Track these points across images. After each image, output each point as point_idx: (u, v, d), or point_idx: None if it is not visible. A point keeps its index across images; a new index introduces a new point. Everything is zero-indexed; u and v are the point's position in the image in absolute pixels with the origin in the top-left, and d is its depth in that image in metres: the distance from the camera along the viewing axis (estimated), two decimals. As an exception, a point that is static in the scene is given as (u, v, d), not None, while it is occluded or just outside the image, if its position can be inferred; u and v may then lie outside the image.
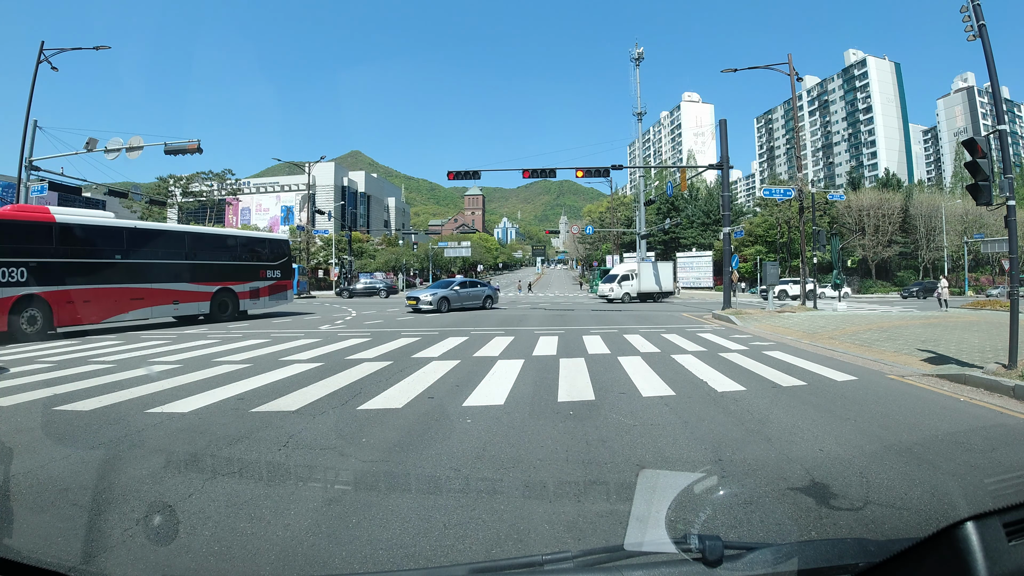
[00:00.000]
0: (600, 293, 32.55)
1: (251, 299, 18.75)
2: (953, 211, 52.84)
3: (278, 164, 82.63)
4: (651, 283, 33.06)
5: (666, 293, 34.37)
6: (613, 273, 33.57)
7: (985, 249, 45.09)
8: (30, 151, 19.71)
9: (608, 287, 31.79)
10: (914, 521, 2.86)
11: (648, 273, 33.39)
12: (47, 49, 19.97)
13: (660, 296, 33.72)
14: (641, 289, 32.17)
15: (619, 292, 31.32)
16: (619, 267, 35.24)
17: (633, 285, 32.01)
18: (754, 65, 29.53)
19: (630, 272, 32.77)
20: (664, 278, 34.25)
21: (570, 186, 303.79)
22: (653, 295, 33.08)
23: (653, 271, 33.86)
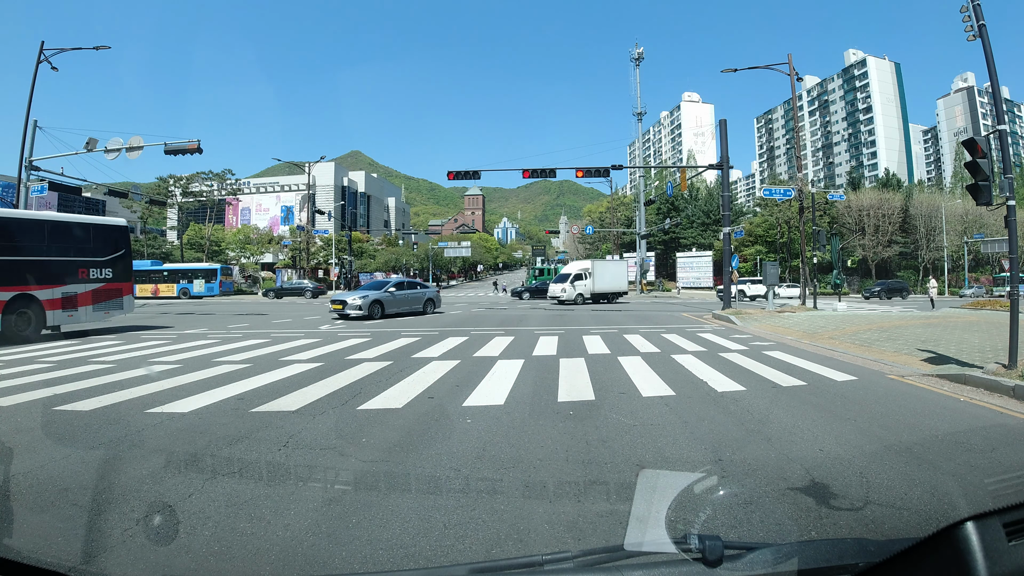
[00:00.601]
0: (551, 294, 29.61)
1: (65, 309, 13.24)
2: (953, 211, 52.86)
3: (278, 164, 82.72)
4: (606, 283, 30.76)
5: (620, 294, 32.39)
6: (565, 272, 31.19)
7: (985, 249, 45.15)
8: (30, 151, 19.71)
9: (560, 288, 29.14)
10: (914, 521, 2.87)
11: (603, 272, 31.06)
12: (47, 49, 19.98)
13: (614, 297, 31.72)
14: (595, 289, 29.83)
15: (571, 293, 28.82)
16: (571, 266, 32.56)
17: (587, 285, 29.52)
18: (754, 65, 29.56)
19: (583, 271, 30.01)
20: (618, 277, 32.36)
21: (570, 186, 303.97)
22: (607, 296, 31.02)
23: (608, 270, 31.74)
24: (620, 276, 32.76)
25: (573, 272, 30.23)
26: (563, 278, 30.22)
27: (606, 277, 30.96)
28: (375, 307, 18.07)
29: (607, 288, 30.88)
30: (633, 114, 55.43)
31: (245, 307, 28.31)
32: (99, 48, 21.66)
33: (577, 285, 29.27)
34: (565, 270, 32.12)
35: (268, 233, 63.87)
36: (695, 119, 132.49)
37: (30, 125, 19.68)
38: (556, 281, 30.48)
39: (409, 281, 21.97)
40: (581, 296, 29.18)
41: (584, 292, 29.43)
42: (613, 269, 32.53)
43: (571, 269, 31.21)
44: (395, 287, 19.72)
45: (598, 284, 30.12)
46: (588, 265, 30.86)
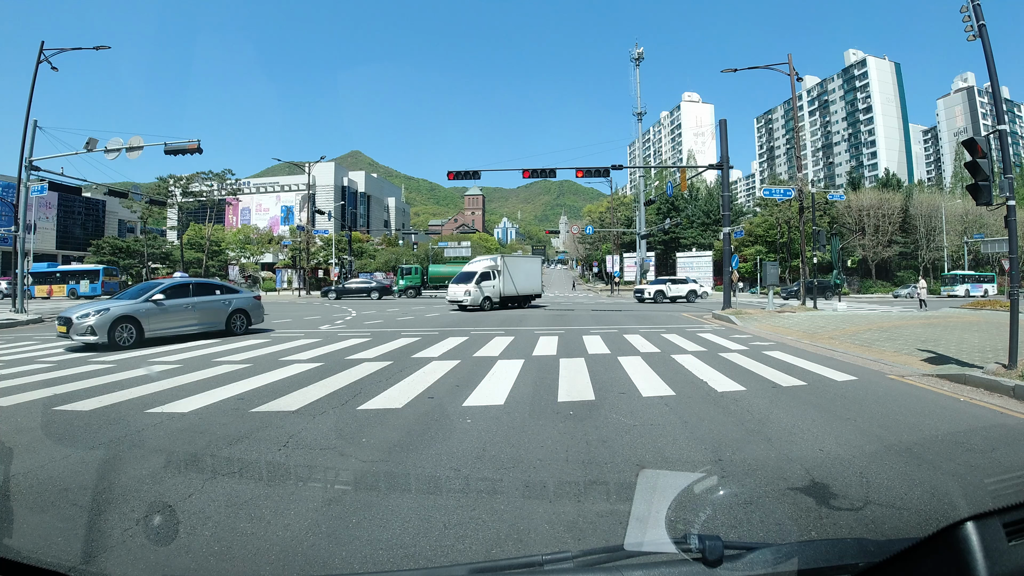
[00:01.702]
0: (452, 297, 24.22)
1: None
2: (953, 211, 52.84)
3: (278, 164, 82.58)
4: (519, 283, 26.18)
5: (533, 296, 27.91)
6: (469, 271, 25.26)
7: (985, 249, 45.16)
8: (30, 151, 19.70)
9: (462, 290, 23.75)
10: (914, 521, 2.87)
11: (516, 270, 26.20)
12: (47, 49, 19.95)
13: (526, 300, 27.28)
14: (505, 292, 24.94)
15: (477, 296, 23.58)
16: (476, 263, 26.40)
17: (495, 286, 24.48)
18: (754, 65, 29.56)
19: (491, 269, 24.69)
20: (532, 277, 27.73)
21: (570, 186, 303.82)
22: (519, 299, 26.34)
23: (520, 268, 26.93)
24: (534, 275, 28.14)
25: (479, 270, 24.50)
26: (466, 277, 24.45)
27: (519, 276, 26.21)
28: (122, 329, 10.85)
29: (520, 289, 26.25)
30: (633, 114, 55.47)
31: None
32: (99, 48, 21.59)
33: (484, 286, 23.99)
34: (469, 267, 26.00)
35: (268, 233, 63.88)
36: (695, 119, 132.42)
37: (30, 125, 19.66)
38: (458, 281, 24.63)
39: (199, 283, 13.98)
40: (489, 300, 23.99)
41: (492, 295, 24.24)
42: (526, 267, 27.69)
43: (475, 267, 25.44)
44: (164, 294, 12.06)
45: (509, 285, 25.35)
46: (496, 261, 25.26)
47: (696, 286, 34.19)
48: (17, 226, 20.24)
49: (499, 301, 24.75)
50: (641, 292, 32.67)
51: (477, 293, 23.71)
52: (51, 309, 22.81)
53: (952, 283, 48.03)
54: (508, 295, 25.25)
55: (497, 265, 25.03)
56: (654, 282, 34.41)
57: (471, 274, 24.61)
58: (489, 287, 24.27)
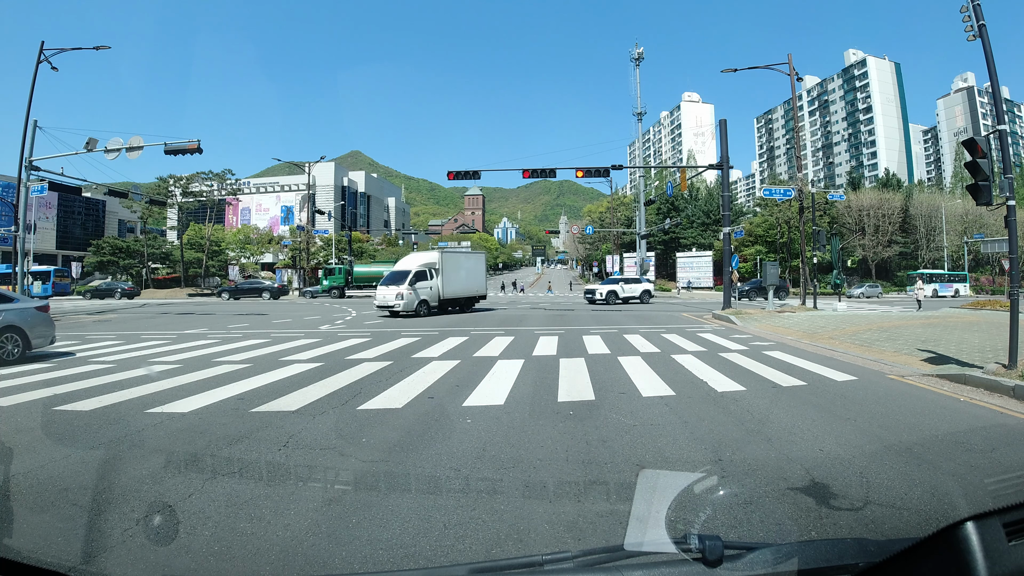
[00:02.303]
0: (380, 301, 20.10)
1: None
2: (953, 211, 52.87)
3: (278, 164, 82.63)
4: (460, 283, 22.63)
5: (477, 298, 24.41)
6: (400, 270, 21.11)
7: (985, 249, 45.17)
8: (30, 151, 19.71)
9: (393, 292, 19.69)
10: (914, 521, 2.87)
11: (457, 268, 22.56)
12: (47, 49, 19.97)
13: (469, 303, 23.71)
14: (446, 293, 21.32)
15: (411, 299, 19.74)
16: (409, 260, 22.38)
17: (433, 287, 20.76)
18: (754, 65, 29.57)
19: (428, 268, 20.89)
20: (475, 276, 24.26)
21: (570, 186, 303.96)
22: (461, 302, 22.81)
23: (462, 266, 23.29)
24: (478, 274, 24.55)
25: (413, 269, 20.54)
26: (397, 278, 20.43)
27: (461, 275, 22.79)
28: None
29: (463, 290, 22.85)
30: (633, 114, 55.37)
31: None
32: (99, 48, 21.61)
33: (420, 288, 20.18)
34: (401, 266, 21.92)
35: (268, 233, 63.87)
36: (695, 119, 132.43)
37: (30, 125, 19.68)
38: (388, 282, 20.47)
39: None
40: (426, 304, 20.29)
41: (430, 297, 20.56)
42: (469, 264, 24.20)
43: (408, 264, 21.45)
44: None
45: (451, 284, 21.79)
46: (434, 258, 21.50)
47: (650, 286, 32.61)
48: (17, 226, 20.25)
49: (438, 305, 20.99)
50: (592, 293, 30.44)
51: (411, 296, 19.81)
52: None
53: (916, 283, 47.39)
54: (449, 297, 21.66)
55: (435, 262, 21.26)
56: (607, 282, 32.07)
57: (403, 274, 20.43)
58: (426, 288, 20.44)
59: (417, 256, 22.87)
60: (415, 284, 20.08)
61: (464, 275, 23.11)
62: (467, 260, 24.65)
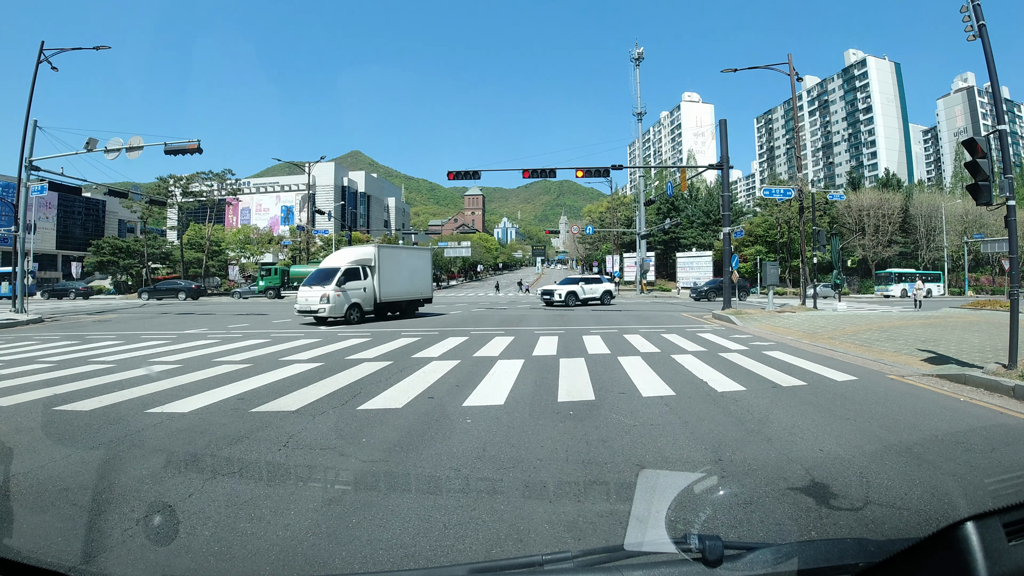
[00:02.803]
0: (301, 305, 16.94)
1: None
2: (953, 211, 52.82)
3: (278, 164, 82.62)
4: (402, 283, 19.53)
5: (421, 301, 21.15)
6: (328, 267, 17.93)
7: (985, 249, 45.12)
8: (30, 151, 19.71)
9: (318, 294, 16.54)
10: (914, 521, 2.87)
11: (397, 266, 19.37)
12: (47, 49, 19.96)
13: (411, 306, 20.50)
14: (384, 295, 18.22)
15: (340, 302, 16.64)
16: (339, 256, 19.06)
17: (367, 289, 17.68)
18: (754, 65, 29.54)
19: (360, 266, 17.73)
20: (420, 275, 21.11)
21: (570, 186, 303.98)
22: (401, 305, 19.64)
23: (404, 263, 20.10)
24: (422, 273, 21.46)
25: (342, 266, 17.39)
26: (323, 277, 17.34)
27: (402, 274, 19.65)
28: None
29: (404, 292, 19.76)
30: (633, 114, 55.52)
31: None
32: (99, 48, 21.60)
33: (351, 289, 17.06)
34: (329, 263, 18.74)
35: (268, 233, 63.79)
36: (695, 119, 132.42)
37: (30, 125, 19.67)
38: (312, 282, 17.51)
39: None
40: (358, 309, 17.14)
41: (363, 300, 17.48)
42: (412, 262, 20.84)
43: (338, 261, 18.25)
44: None
45: (390, 285, 18.64)
46: (369, 254, 18.49)
47: (611, 286, 29.84)
48: (17, 226, 20.25)
49: (373, 309, 17.93)
50: (550, 294, 27.10)
51: (340, 299, 16.61)
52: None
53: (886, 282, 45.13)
54: (387, 300, 18.50)
55: (370, 259, 18.18)
56: (565, 282, 28.55)
57: (330, 272, 17.23)
58: (358, 290, 17.30)
59: (349, 251, 19.52)
60: (344, 284, 16.87)
61: (407, 275, 20.05)
62: (410, 258, 21.47)
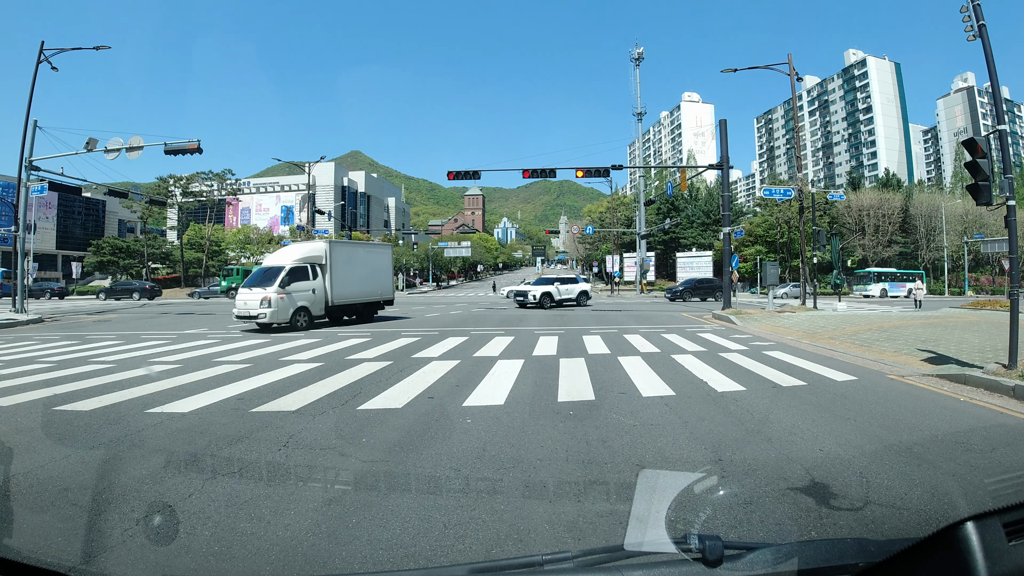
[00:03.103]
0: (239, 310, 14.63)
1: None
2: (953, 211, 52.82)
3: (278, 164, 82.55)
4: (356, 283, 17.06)
5: (382, 303, 18.67)
6: (272, 266, 15.53)
7: (985, 249, 45.12)
8: (30, 151, 19.70)
9: (258, 297, 14.28)
10: (914, 521, 2.86)
11: (351, 264, 17.00)
12: (47, 49, 19.96)
13: (371, 309, 18.11)
14: (336, 297, 15.90)
15: (283, 306, 14.41)
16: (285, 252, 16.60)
17: (317, 290, 15.43)
18: (754, 65, 29.53)
19: (309, 264, 15.54)
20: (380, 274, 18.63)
21: (570, 186, 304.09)
22: (357, 308, 17.28)
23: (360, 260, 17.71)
24: (382, 272, 18.92)
25: (287, 264, 15.16)
26: (265, 277, 14.94)
27: (356, 274, 17.17)
28: None
29: (360, 292, 17.31)
30: (633, 114, 55.53)
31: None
32: (99, 48, 21.58)
33: (296, 291, 14.81)
34: (273, 260, 16.26)
35: (268, 233, 63.81)
36: (695, 119, 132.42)
37: (30, 125, 19.67)
38: (253, 283, 15.02)
39: None
40: (305, 313, 14.98)
41: (312, 303, 15.25)
42: (370, 259, 18.38)
43: (282, 259, 15.86)
44: None
45: (343, 287, 16.31)
46: (319, 251, 15.98)
47: (587, 286, 28.17)
48: (17, 226, 20.24)
49: (324, 313, 15.77)
50: (523, 296, 25.54)
51: (284, 302, 14.36)
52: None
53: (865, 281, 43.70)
54: (341, 302, 16.18)
55: (321, 256, 15.82)
56: (539, 283, 26.90)
57: (273, 271, 14.90)
58: (306, 292, 15.06)
59: (296, 248, 16.86)
60: (289, 286, 14.65)
61: (364, 274, 17.63)
62: (368, 254, 18.82)
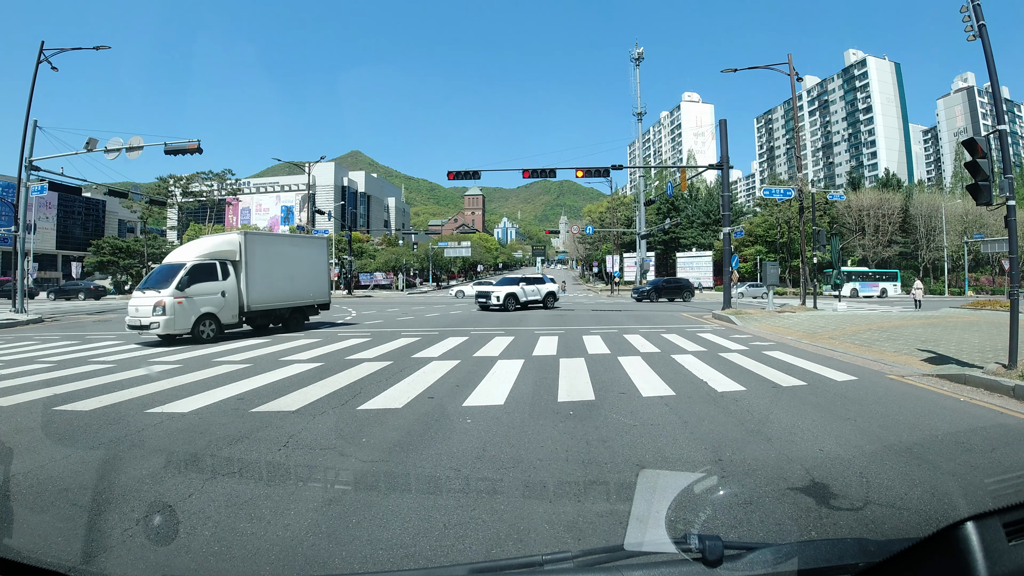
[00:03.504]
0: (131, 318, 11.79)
1: None
2: (953, 211, 52.81)
3: (278, 164, 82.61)
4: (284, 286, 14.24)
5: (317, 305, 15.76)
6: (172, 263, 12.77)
7: (985, 249, 45.08)
8: (30, 151, 19.70)
9: (150, 302, 11.64)
10: (914, 521, 2.86)
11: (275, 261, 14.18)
12: (47, 49, 19.95)
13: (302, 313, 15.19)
14: (253, 301, 13.22)
15: (180, 312, 11.73)
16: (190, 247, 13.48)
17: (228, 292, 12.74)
18: (754, 65, 29.48)
19: (219, 260, 12.90)
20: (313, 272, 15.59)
21: (570, 186, 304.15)
22: (281, 314, 14.43)
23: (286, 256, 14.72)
24: (315, 270, 15.76)
25: (189, 261, 12.48)
26: (164, 277, 12.29)
27: (281, 271, 14.25)
28: None
29: (285, 296, 14.38)
30: (633, 114, 55.52)
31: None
32: (99, 48, 21.57)
33: (200, 293, 12.18)
34: (174, 257, 13.20)
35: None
36: (695, 119, 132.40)
37: (30, 125, 19.66)
38: (148, 285, 12.36)
39: None
40: (213, 320, 12.32)
41: (221, 309, 12.52)
42: (298, 256, 15.23)
43: (183, 255, 13.02)
44: None
45: (263, 289, 13.52)
46: (231, 245, 13.21)
47: (555, 287, 25.86)
48: (17, 226, 20.24)
49: (238, 320, 13.04)
50: (486, 296, 23.58)
51: (182, 308, 11.68)
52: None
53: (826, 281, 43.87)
54: (260, 307, 13.45)
55: (234, 251, 13.03)
56: (504, 283, 24.85)
57: (172, 269, 12.30)
58: (212, 295, 12.34)
59: (202, 241, 13.70)
60: (190, 287, 11.97)
61: (291, 273, 14.62)
62: (296, 249, 15.54)
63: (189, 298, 11.99)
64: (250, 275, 13.28)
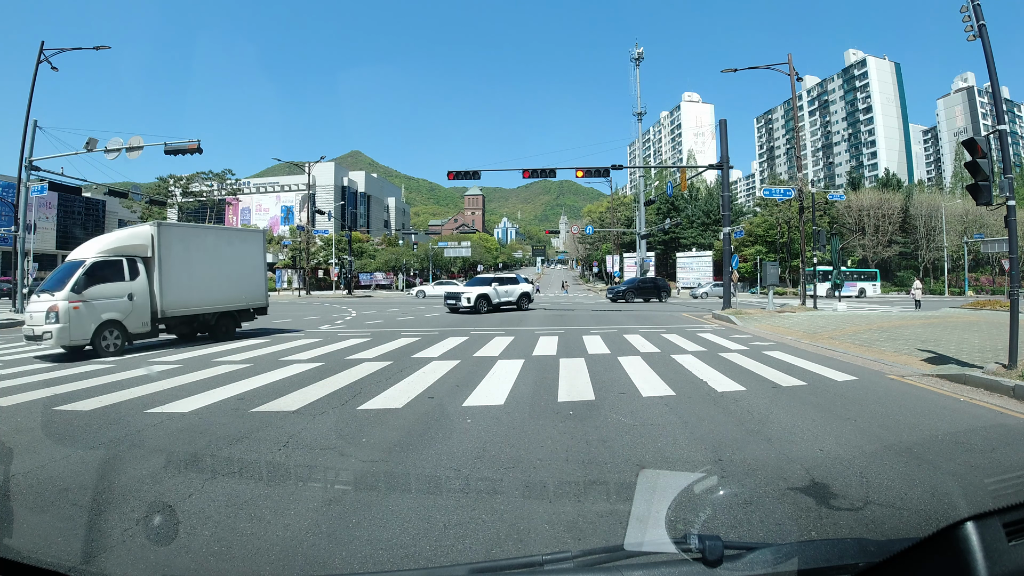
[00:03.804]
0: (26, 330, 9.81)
1: None
2: (953, 211, 52.81)
3: (278, 164, 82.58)
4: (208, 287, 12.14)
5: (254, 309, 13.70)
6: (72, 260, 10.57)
7: (985, 249, 45.07)
8: (30, 151, 19.71)
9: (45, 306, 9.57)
10: (914, 521, 2.86)
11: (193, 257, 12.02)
12: (47, 49, 19.97)
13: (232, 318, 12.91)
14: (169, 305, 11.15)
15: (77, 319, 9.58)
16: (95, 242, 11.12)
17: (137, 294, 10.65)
18: (754, 65, 29.48)
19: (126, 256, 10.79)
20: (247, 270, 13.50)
21: (570, 186, 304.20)
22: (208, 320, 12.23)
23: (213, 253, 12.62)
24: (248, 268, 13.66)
25: (89, 258, 10.46)
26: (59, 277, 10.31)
27: (205, 270, 12.28)
28: None
29: (212, 299, 12.31)
30: (633, 114, 55.39)
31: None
32: (99, 48, 21.64)
33: (101, 297, 10.13)
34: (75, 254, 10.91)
35: (268, 233, 63.82)
36: (695, 119, 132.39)
37: (30, 125, 19.68)
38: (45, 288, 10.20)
39: None
40: (118, 328, 10.34)
41: (126, 314, 10.47)
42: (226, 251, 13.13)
43: (86, 251, 10.84)
44: None
45: (182, 290, 11.58)
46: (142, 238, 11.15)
47: (529, 288, 24.60)
48: (17, 226, 20.25)
49: (151, 328, 11.06)
50: (456, 298, 22.01)
51: (78, 315, 9.75)
52: None
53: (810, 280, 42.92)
54: (178, 312, 11.49)
55: (144, 245, 11.15)
56: (474, 283, 23.89)
57: (71, 267, 10.42)
58: (116, 298, 10.42)
59: (108, 236, 11.93)
60: (89, 289, 10.09)
61: (218, 271, 12.54)
62: (223, 243, 13.34)
63: (87, 302, 9.92)
64: (165, 274, 11.17)
